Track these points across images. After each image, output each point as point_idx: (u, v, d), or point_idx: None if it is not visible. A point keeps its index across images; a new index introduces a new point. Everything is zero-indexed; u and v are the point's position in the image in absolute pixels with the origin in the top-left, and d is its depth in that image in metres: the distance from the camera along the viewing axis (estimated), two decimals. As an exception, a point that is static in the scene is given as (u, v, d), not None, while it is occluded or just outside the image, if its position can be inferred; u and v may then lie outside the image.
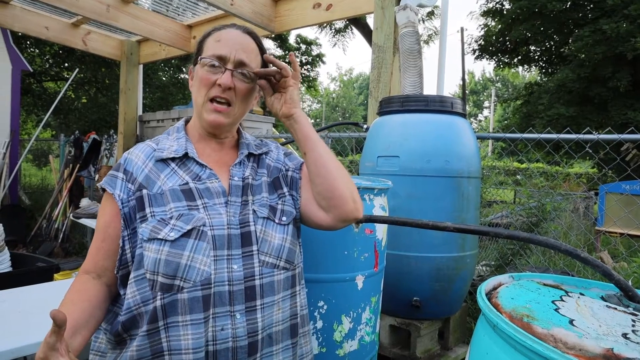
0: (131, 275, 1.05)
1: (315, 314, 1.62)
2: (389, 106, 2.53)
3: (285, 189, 1.24)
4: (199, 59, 1.17)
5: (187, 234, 1.03)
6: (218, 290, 1.03)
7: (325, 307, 1.63)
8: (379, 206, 1.78)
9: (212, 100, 1.14)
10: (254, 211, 1.14)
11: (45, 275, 3.03)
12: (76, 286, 1.06)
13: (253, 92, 1.21)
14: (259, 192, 1.19)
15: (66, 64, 14.22)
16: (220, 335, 1.02)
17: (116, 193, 1.09)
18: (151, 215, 1.06)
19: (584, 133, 2.83)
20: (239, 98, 1.16)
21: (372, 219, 1.65)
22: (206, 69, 1.14)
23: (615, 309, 0.99)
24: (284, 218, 1.18)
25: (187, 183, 1.11)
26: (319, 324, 1.63)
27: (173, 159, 1.15)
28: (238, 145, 1.28)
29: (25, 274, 2.98)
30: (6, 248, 3.34)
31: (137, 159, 1.14)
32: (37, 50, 13.38)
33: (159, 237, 1.02)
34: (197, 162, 1.15)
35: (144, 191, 1.08)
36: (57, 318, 0.83)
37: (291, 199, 1.24)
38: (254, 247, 1.10)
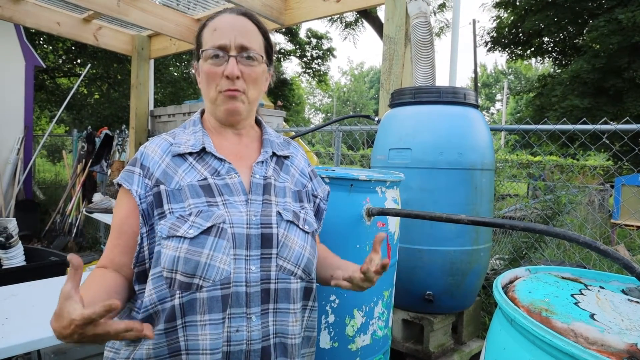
0: (150, 273, 1.03)
1: (327, 308, 1.61)
2: (400, 98, 2.49)
3: (307, 205, 1.22)
4: (200, 52, 1.14)
5: (206, 231, 1.00)
6: (235, 291, 1.01)
7: (337, 301, 1.61)
8: (391, 199, 1.75)
9: (223, 92, 1.12)
10: (279, 213, 1.11)
11: (58, 269, 3.06)
12: (94, 274, 1.04)
13: (263, 75, 1.18)
14: (282, 195, 1.15)
15: (79, 60, 14.34)
16: (235, 337, 1.00)
17: (133, 189, 1.06)
18: (169, 212, 1.03)
19: (601, 123, 2.78)
20: (250, 83, 1.13)
21: (384, 212, 1.63)
22: (210, 62, 1.11)
23: (638, 302, 0.96)
24: (306, 226, 1.16)
25: (205, 179, 1.08)
26: (331, 318, 1.61)
27: (190, 154, 1.12)
28: (261, 140, 1.25)
29: (38, 268, 3.01)
30: (20, 242, 3.38)
31: (153, 154, 1.11)
32: (50, 47, 13.49)
33: (178, 234, 0.99)
34: (216, 157, 1.12)
35: (162, 187, 1.06)
36: (73, 259, 0.80)
37: (313, 215, 1.23)
38: (274, 251, 1.07)
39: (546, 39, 14.69)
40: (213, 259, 0.99)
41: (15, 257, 3.25)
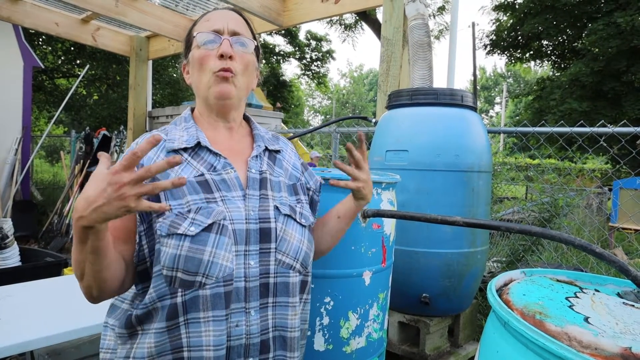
0: (152, 271, 1.02)
1: (322, 310, 1.60)
2: (398, 100, 2.49)
3: (302, 198, 1.22)
4: (193, 37, 1.14)
5: (208, 229, 0.99)
6: (235, 286, 1.01)
7: (331, 303, 1.60)
8: (387, 201, 1.75)
9: (217, 72, 1.11)
10: (276, 207, 1.11)
11: (53, 270, 3.05)
12: None
13: (253, 66, 1.19)
14: (278, 189, 1.15)
15: (78, 61, 14.33)
16: (235, 332, 1.00)
17: None
18: (168, 210, 1.02)
19: (599, 126, 2.78)
20: (240, 67, 1.13)
21: (380, 214, 1.62)
22: (203, 48, 1.12)
23: (633, 306, 0.95)
24: (303, 220, 1.16)
25: (202, 174, 1.07)
26: (326, 321, 1.60)
27: (185, 149, 1.10)
28: (252, 136, 1.25)
29: (33, 268, 2.99)
30: (15, 243, 3.37)
31: None
32: (49, 48, 13.48)
33: (179, 232, 0.98)
34: (211, 151, 1.11)
35: None
36: (102, 155, 0.87)
37: (309, 208, 1.23)
38: (272, 245, 1.07)
39: (545, 42, 14.71)
40: (216, 256, 0.98)
41: (11, 257, 3.24)
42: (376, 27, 14.56)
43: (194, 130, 1.14)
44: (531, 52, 15.45)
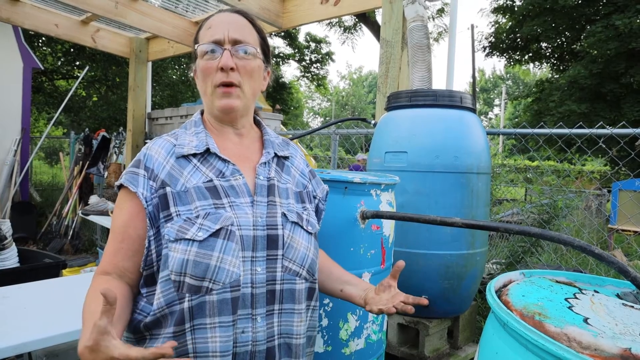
0: (159, 277, 1.02)
1: (321, 311, 1.59)
2: (396, 101, 2.49)
3: (309, 206, 1.22)
4: (196, 49, 1.14)
5: (215, 234, 0.99)
6: (242, 293, 1.00)
7: (330, 304, 1.60)
8: (386, 202, 1.75)
9: (218, 86, 1.10)
10: (284, 214, 1.10)
11: (51, 271, 3.04)
12: (99, 283, 1.01)
13: (260, 70, 1.17)
14: (285, 196, 1.15)
15: (77, 63, 14.33)
16: (241, 338, 1.00)
17: (139, 191, 1.03)
18: (176, 215, 1.01)
19: (597, 128, 2.78)
20: (245, 77, 1.12)
21: (379, 215, 1.62)
22: (205, 58, 1.11)
23: (632, 307, 0.95)
24: (309, 227, 1.16)
25: (211, 180, 1.07)
26: (325, 322, 1.60)
27: (194, 155, 1.10)
28: (262, 141, 1.24)
29: (31, 270, 2.99)
30: (14, 244, 3.36)
31: (157, 155, 1.09)
32: (49, 49, 13.48)
33: (187, 237, 0.98)
34: (220, 158, 1.11)
35: (168, 189, 1.04)
36: (108, 295, 0.76)
37: (315, 215, 1.23)
38: (279, 252, 1.06)
39: (544, 44, 14.75)
40: (223, 261, 0.98)
41: (9, 258, 3.23)
42: (375, 29, 14.60)
43: (204, 135, 1.14)
44: (530, 54, 15.50)
